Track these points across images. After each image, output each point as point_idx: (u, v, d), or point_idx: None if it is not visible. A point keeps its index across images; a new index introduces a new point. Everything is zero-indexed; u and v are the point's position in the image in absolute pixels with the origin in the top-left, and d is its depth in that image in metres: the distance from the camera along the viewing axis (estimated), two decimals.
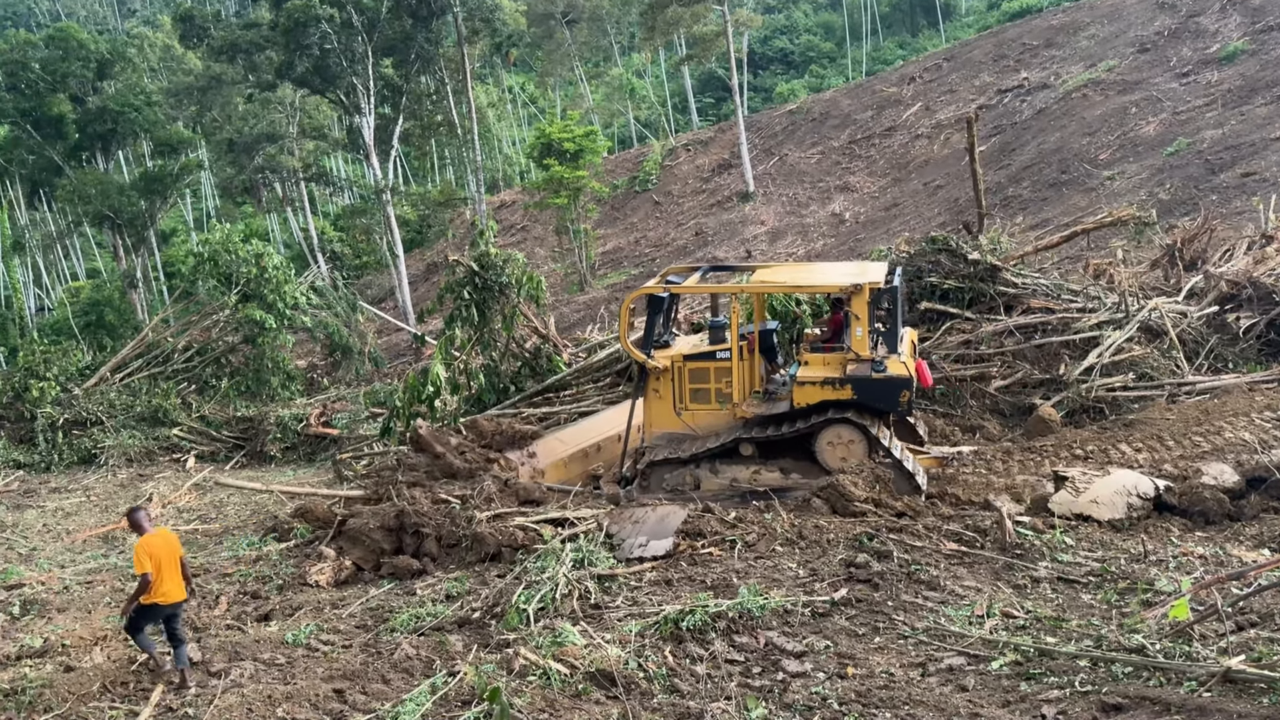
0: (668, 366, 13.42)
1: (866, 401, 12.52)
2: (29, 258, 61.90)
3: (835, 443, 12.78)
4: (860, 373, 12.47)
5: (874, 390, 12.40)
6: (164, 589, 9.01)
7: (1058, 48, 46.89)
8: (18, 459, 23.74)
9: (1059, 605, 9.04)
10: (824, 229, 41.07)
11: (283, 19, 40.52)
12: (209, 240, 29.83)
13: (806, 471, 12.94)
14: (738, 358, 13.10)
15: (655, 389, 13.54)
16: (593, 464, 14.85)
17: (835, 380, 12.51)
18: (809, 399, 12.62)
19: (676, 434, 13.51)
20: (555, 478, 14.45)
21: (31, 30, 64.28)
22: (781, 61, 75.97)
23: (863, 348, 12.60)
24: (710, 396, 13.34)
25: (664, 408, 13.55)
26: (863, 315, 12.52)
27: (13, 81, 48.92)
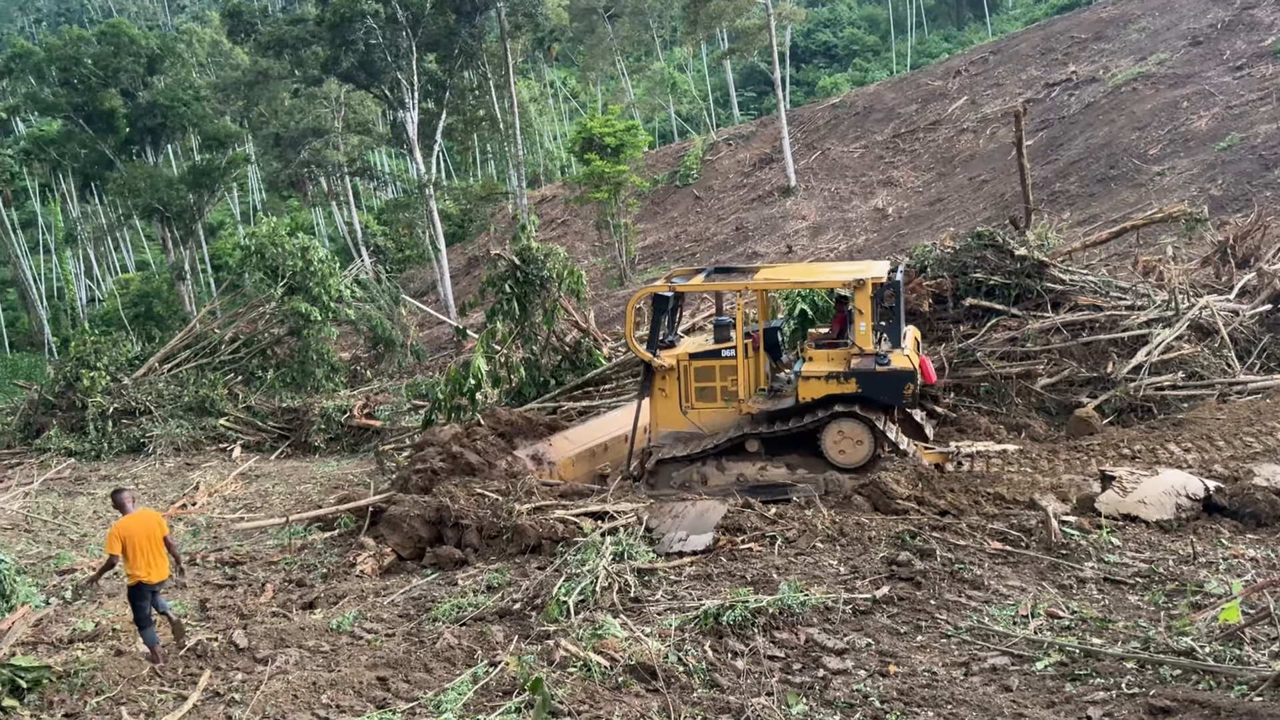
0: (673, 365, 13.56)
1: (871, 395, 12.60)
2: (80, 250, 63.08)
3: (841, 437, 12.89)
4: (864, 366, 12.57)
5: (878, 383, 12.49)
6: (142, 569, 9.31)
7: (1107, 41, 46.10)
8: (69, 447, 24.25)
9: (1105, 606, 8.92)
10: (866, 224, 40.74)
11: (329, 14, 40.89)
12: (256, 233, 30.25)
13: (813, 467, 13.02)
14: (742, 355, 13.21)
15: (661, 388, 13.71)
16: (600, 463, 14.94)
17: (840, 374, 12.63)
18: (814, 393, 12.73)
19: (683, 433, 13.62)
20: (563, 476, 14.55)
21: (84, 26, 65.39)
22: (825, 55, 75.43)
23: (866, 342, 12.69)
24: (716, 395, 13.47)
25: (670, 406, 13.70)
26: (866, 310, 12.62)
27: (66, 77, 49.81)
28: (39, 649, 10.32)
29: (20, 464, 23.90)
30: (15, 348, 59.64)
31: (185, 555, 14.20)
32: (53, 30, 73.24)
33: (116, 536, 9.34)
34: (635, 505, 12.44)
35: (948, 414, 15.91)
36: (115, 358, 26.63)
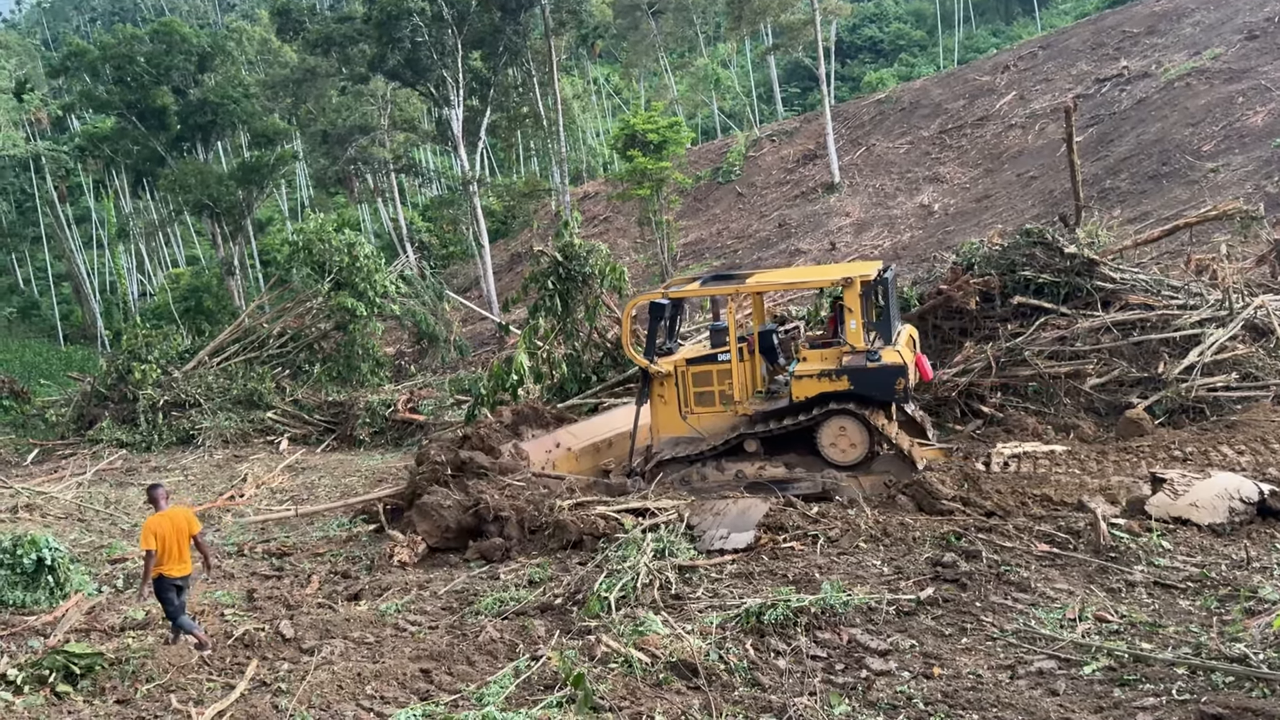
0: (670, 371, 13.74)
1: (863, 391, 12.65)
2: (132, 245, 64.30)
3: (836, 435, 12.97)
4: (856, 363, 12.63)
5: (870, 379, 12.53)
6: (169, 564, 9.54)
7: (1160, 35, 45.23)
8: (121, 438, 24.74)
9: (1155, 611, 8.76)
10: (911, 221, 40.34)
11: (375, 12, 41.30)
12: (303, 229, 30.65)
13: (811, 465, 13.10)
14: (737, 359, 13.35)
15: (660, 394, 13.89)
16: (604, 459, 15.06)
17: (832, 372, 12.70)
18: (807, 392, 12.81)
19: (683, 438, 13.76)
20: (566, 470, 14.71)
21: (137, 25, 66.61)
22: (870, 50, 74.82)
23: (857, 339, 12.74)
24: (714, 399, 13.63)
25: (670, 412, 13.88)
26: (855, 308, 12.67)
27: (119, 74, 50.77)
28: (92, 636, 10.54)
29: (74, 454, 24.43)
30: (69, 340, 60.93)
31: (233, 546, 14.48)
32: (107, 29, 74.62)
33: (150, 532, 9.60)
34: (676, 502, 12.45)
35: (994, 414, 15.73)
36: (166, 351, 27.13)
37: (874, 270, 13.07)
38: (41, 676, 9.06)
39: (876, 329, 12.94)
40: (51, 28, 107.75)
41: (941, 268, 18.68)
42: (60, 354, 56.74)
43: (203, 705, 8.42)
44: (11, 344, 56.03)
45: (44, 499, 19.34)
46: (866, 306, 12.82)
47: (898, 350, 12.60)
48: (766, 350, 13.90)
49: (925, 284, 18.33)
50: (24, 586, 11.84)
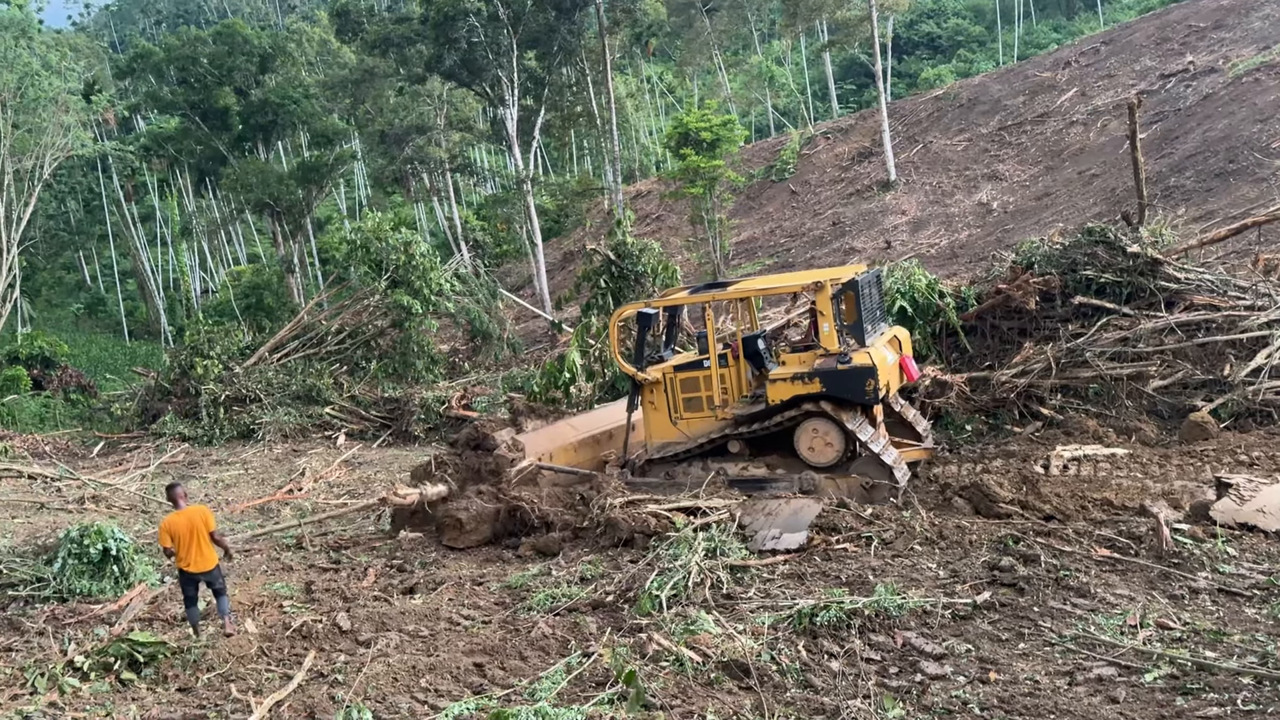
0: (659, 379, 14.01)
1: (834, 393, 12.78)
2: (195, 243, 65.68)
3: (812, 436, 13.15)
4: (827, 365, 12.78)
5: (840, 381, 12.67)
6: (188, 559, 10.01)
7: (1228, 29, 44.10)
8: (183, 432, 25.32)
9: (1219, 618, 8.55)
10: (969, 219, 39.78)
11: (433, 13, 41.69)
12: (361, 228, 31.09)
13: (792, 466, 13.28)
14: (717, 364, 13.69)
15: (651, 401, 14.16)
16: (604, 451, 15.27)
17: (805, 375, 12.89)
18: (782, 395, 13.01)
19: (675, 442, 13.98)
20: (563, 461, 15.01)
21: (200, 27, 68.01)
22: (928, 46, 73.89)
23: (830, 342, 12.90)
24: (702, 404, 13.85)
25: (660, 418, 14.12)
26: (827, 311, 12.86)
27: (183, 75, 51.89)
28: (155, 625, 10.80)
29: (138, 447, 25.04)
30: (134, 336, 62.40)
31: (291, 539, 14.73)
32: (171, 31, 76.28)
33: (165, 531, 10.15)
34: (728, 502, 12.42)
35: (1054, 416, 15.47)
36: (227, 347, 27.69)
37: (845, 275, 13.31)
38: (107, 664, 9.32)
39: (850, 331, 13.09)
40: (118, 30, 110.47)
41: (1000, 267, 18.38)
42: (125, 349, 58.13)
43: (261, 695, 8.58)
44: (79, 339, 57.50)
45: (109, 491, 19.86)
46: (839, 310, 12.99)
47: (869, 352, 12.71)
48: (752, 355, 14.16)
49: (983, 283, 18.06)
50: (90, 575, 12.17)
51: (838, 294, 12.92)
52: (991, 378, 16.35)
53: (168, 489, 10.68)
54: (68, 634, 10.49)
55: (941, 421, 16.40)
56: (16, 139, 39.26)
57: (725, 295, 14.44)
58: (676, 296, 15.23)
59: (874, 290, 13.89)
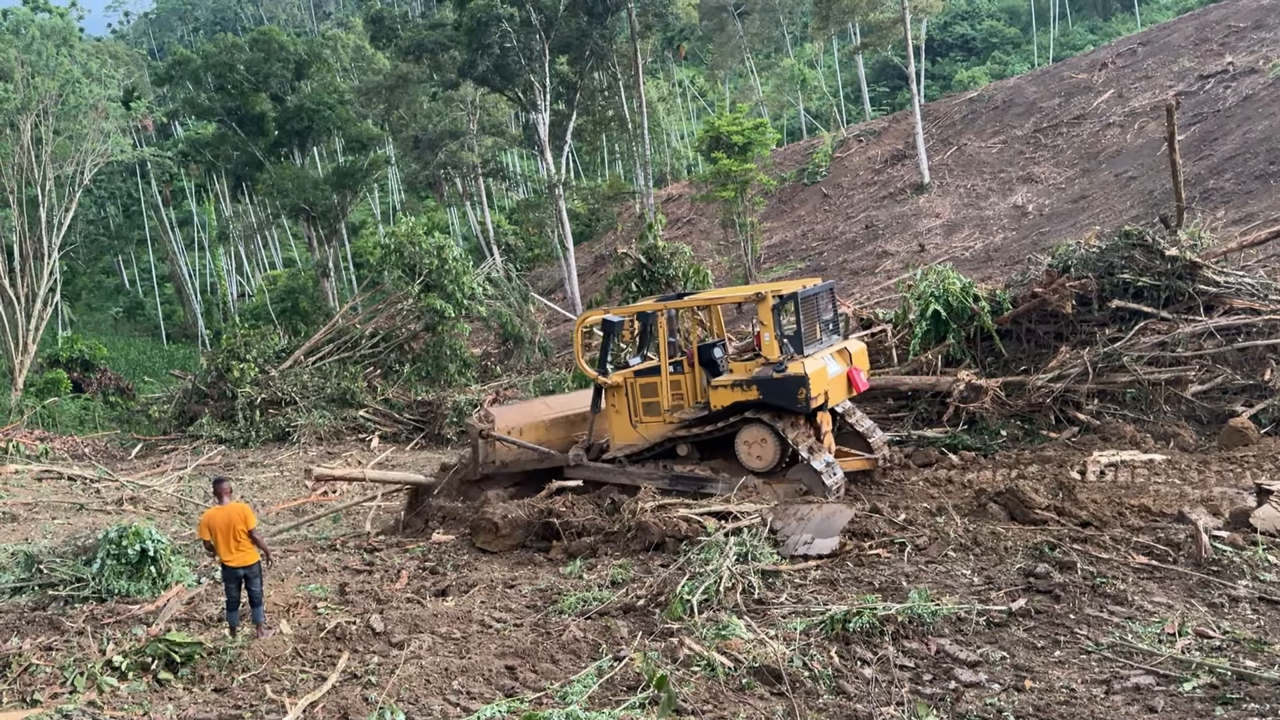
0: (620, 383, 14.46)
1: (770, 400, 13.14)
2: (232, 247, 66.49)
3: (750, 442, 13.54)
4: (764, 374, 13.18)
5: (775, 389, 13.02)
6: (225, 555, 10.19)
7: (1268, 29, 43.45)
8: (219, 434, 25.60)
9: (1260, 628, 8.41)
10: (1004, 222, 39.43)
11: (466, 19, 41.97)
12: (395, 233, 31.35)
13: (734, 470, 13.67)
14: (668, 371, 14.16)
15: (613, 404, 14.61)
16: (578, 431, 15.57)
17: (744, 382, 13.28)
18: (723, 401, 13.44)
19: (634, 444, 14.41)
20: (533, 438, 15.40)
21: (237, 34, 68.88)
22: (962, 48, 73.40)
23: (771, 351, 13.26)
24: (659, 408, 14.26)
25: (622, 421, 14.56)
26: (768, 321, 13.25)
27: (220, 82, 52.57)
28: (191, 626, 10.92)
29: (175, 449, 25.35)
30: (171, 339, 63.27)
31: (326, 540, 14.86)
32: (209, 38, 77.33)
33: (204, 525, 10.35)
34: (759, 506, 12.39)
35: (1090, 421, 15.29)
36: (263, 350, 27.98)
37: (788, 288, 13.67)
38: (144, 664, 9.43)
39: (789, 342, 13.37)
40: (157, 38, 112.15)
41: (1036, 270, 18.19)
42: (163, 352, 58.94)
43: (296, 695, 8.65)
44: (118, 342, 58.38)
45: (147, 492, 20.12)
46: (779, 320, 13.29)
47: (804, 362, 12.97)
48: (708, 363, 14.44)
49: (1018, 287, 17.88)
50: (128, 576, 12.33)
51: (778, 305, 13.28)
52: (1027, 382, 16.19)
53: (215, 482, 10.78)
54: (106, 634, 10.62)
55: (976, 426, 16.26)
56: (58, 145, 39.96)
57: (680, 304, 14.90)
58: (639, 304, 15.70)
59: (821, 303, 14.32)
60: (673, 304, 14.80)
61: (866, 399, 17.46)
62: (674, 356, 14.46)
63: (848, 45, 65.78)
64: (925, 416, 17.05)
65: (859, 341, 15.60)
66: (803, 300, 13.55)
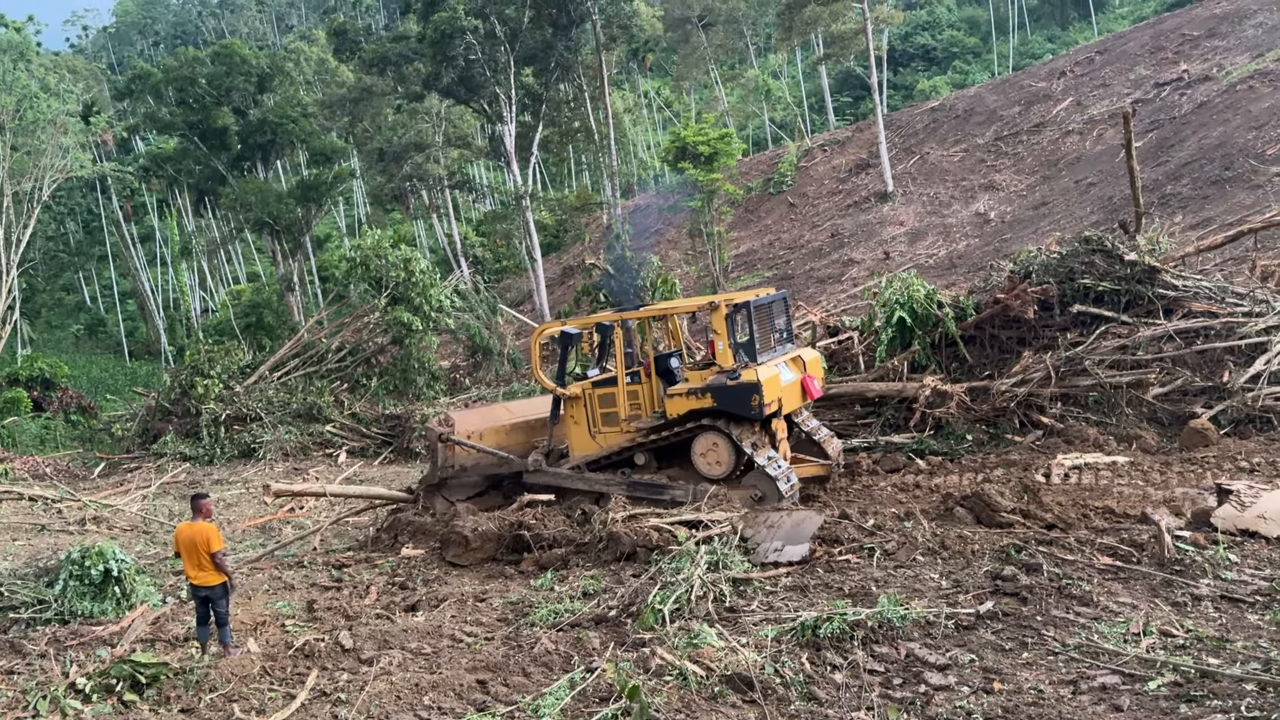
0: (578, 394, 14.56)
1: (724, 407, 13.30)
2: (195, 262, 65.82)
3: (706, 450, 13.64)
4: (717, 381, 13.31)
5: (729, 396, 13.19)
6: (190, 573, 10.22)
7: (1221, 38, 44.31)
8: (184, 452, 25.29)
9: (1222, 625, 8.54)
10: (967, 229, 39.88)
11: (430, 31, 41.90)
12: (360, 246, 31.17)
13: (690, 477, 13.77)
14: (624, 381, 14.32)
15: (572, 416, 14.69)
16: (538, 437, 15.64)
17: (699, 390, 13.43)
18: (678, 410, 13.59)
19: (593, 455, 14.48)
20: (492, 442, 15.45)
21: (199, 47, 68.29)
22: (923, 58, 74.23)
23: (726, 359, 13.41)
24: (617, 419, 14.40)
25: (580, 432, 14.65)
26: (721, 330, 13.42)
27: (182, 96, 52.12)
28: (157, 646, 10.78)
29: (139, 468, 25.02)
30: (134, 356, 62.45)
31: (293, 557, 14.72)
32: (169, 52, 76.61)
33: (175, 537, 10.40)
34: (729, 515, 12.43)
35: (1054, 424, 15.48)
36: (228, 366, 27.69)
37: (740, 297, 13.93)
38: (109, 685, 9.29)
39: (743, 349, 13.53)
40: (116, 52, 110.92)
41: (998, 276, 18.42)
42: (126, 369, 58.16)
43: (264, 714, 8.56)
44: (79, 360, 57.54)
45: (111, 511, 19.84)
46: (733, 329, 13.47)
47: (756, 369, 13.13)
48: (664, 373, 14.54)
49: (982, 293, 18.09)
50: (92, 597, 12.15)
51: (731, 314, 13.44)
52: (991, 387, 16.37)
53: (193, 498, 10.67)
54: (69, 656, 10.46)
55: (942, 431, 16.41)
56: (15, 161, 39.41)
57: (635, 315, 15.04)
58: (596, 316, 15.90)
59: (774, 312, 14.50)
60: (628, 315, 14.95)
61: (835, 405, 17.59)
62: (631, 367, 14.61)
63: (811, 56, 66.38)
64: (892, 422, 17.19)
65: (813, 350, 15.87)
66: (755, 309, 13.75)
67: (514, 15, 42.57)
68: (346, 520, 17.02)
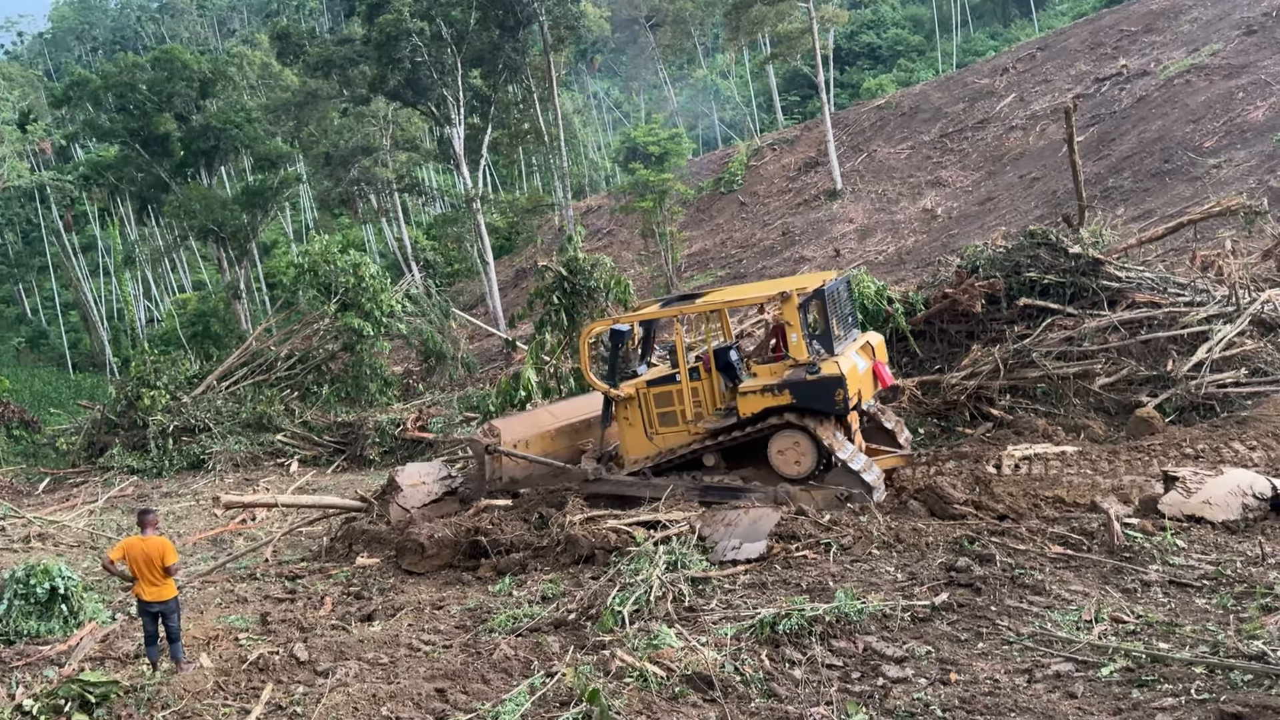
0: (632, 394, 13.77)
1: (804, 403, 12.59)
2: (139, 271, 64.60)
3: (785, 448, 12.93)
4: (796, 376, 12.59)
5: (810, 392, 12.49)
6: (141, 589, 9.95)
7: (1158, 33, 45.28)
8: (132, 465, 24.77)
9: (1171, 610, 8.72)
10: (915, 225, 40.36)
11: (375, 34, 41.51)
12: (308, 251, 30.76)
13: (765, 478, 13.10)
14: (688, 377, 13.48)
15: (625, 417, 13.90)
16: (582, 440, 15.12)
17: (774, 386, 12.69)
18: (753, 408, 12.82)
19: (650, 457, 13.81)
20: (540, 449, 14.77)
21: (138, 53, 67.02)
22: (869, 56, 74.98)
23: (800, 352, 12.71)
24: (677, 418, 13.63)
25: (636, 435, 13.89)
26: (794, 321, 12.70)
27: (122, 103, 51.07)
28: (106, 664, 10.55)
29: (85, 482, 24.47)
30: (78, 368, 61.17)
31: (245, 569, 14.49)
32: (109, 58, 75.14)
33: (120, 548, 10.09)
34: (687, 514, 12.43)
35: (1004, 416, 15.69)
36: (174, 376, 27.15)
37: (811, 284, 13.12)
38: (57, 706, 9.07)
39: (818, 340, 12.90)
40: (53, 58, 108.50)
41: (946, 271, 18.65)
42: (69, 382, 56.94)
43: None
44: (21, 373, 56.24)
45: (56, 528, 19.38)
46: (806, 319, 12.81)
47: (837, 361, 12.52)
48: (724, 367, 13.99)
49: (930, 288, 18.30)
50: (38, 616, 11.86)
51: (805, 303, 12.77)
52: (941, 381, 16.56)
53: (141, 513, 10.41)
54: (15, 677, 10.21)
55: None
56: None
57: (694, 308, 14.09)
58: (647, 311, 14.92)
59: (842, 297, 13.66)
60: (684, 309, 14.05)
61: None
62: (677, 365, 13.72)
63: (758, 56, 66.74)
64: None
65: (876, 333, 15.00)
66: (827, 295, 12.89)
67: (460, 17, 42.32)
68: (299, 530, 16.76)
